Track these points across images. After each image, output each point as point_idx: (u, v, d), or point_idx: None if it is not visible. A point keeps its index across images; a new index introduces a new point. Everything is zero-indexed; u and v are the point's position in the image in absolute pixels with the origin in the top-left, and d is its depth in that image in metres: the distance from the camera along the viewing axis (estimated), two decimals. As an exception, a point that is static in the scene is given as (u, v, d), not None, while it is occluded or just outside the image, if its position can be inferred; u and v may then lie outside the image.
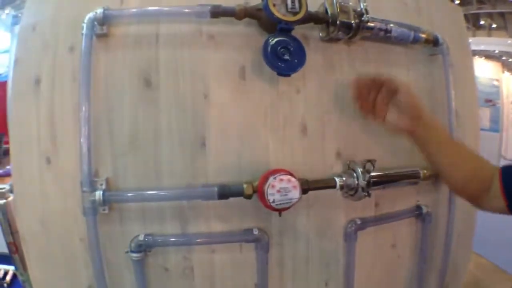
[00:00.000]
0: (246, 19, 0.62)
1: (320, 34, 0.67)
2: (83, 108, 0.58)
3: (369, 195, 0.62)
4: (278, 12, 0.60)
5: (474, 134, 0.86)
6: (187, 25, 0.62)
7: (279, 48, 0.60)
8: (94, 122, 0.59)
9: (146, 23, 0.62)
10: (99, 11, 0.60)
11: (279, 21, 0.59)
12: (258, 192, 0.58)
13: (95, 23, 0.60)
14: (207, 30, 0.63)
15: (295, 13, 0.61)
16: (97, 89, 0.60)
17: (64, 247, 0.62)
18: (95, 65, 0.60)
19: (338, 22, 0.63)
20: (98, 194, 0.56)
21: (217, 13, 0.61)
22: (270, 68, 0.60)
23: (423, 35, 0.75)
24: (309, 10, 0.61)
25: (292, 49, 0.61)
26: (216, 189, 0.58)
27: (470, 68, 0.92)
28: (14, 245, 0.80)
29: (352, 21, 0.64)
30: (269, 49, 0.60)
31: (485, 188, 0.55)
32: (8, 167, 1.19)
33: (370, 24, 0.68)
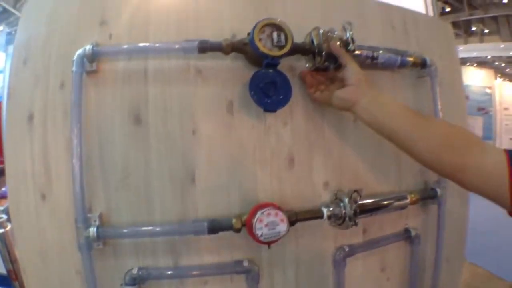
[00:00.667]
0: (233, 53, 0.63)
1: (307, 65, 0.67)
2: (75, 146, 0.60)
3: (356, 224, 0.64)
4: (264, 47, 0.60)
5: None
6: (175, 61, 0.63)
7: (265, 84, 0.61)
8: (86, 158, 0.61)
9: (134, 59, 0.63)
10: (88, 47, 0.61)
11: (265, 56, 0.60)
12: (247, 226, 0.59)
13: (85, 59, 0.61)
14: (194, 64, 0.64)
15: (281, 47, 0.61)
16: (88, 127, 0.61)
17: (61, 278, 0.64)
18: (85, 102, 0.61)
19: (324, 53, 0.64)
20: (92, 230, 0.58)
21: (205, 48, 0.61)
22: (256, 104, 0.61)
23: (410, 59, 0.76)
24: (295, 41, 0.62)
25: (278, 84, 0.62)
26: (206, 224, 0.59)
27: (459, 84, 0.92)
28: (14, 273, 0.82)
29: (338, 51, 0.64)
30: (254, 85, 0.61)
31: (464, 161, 0.49)
32: (3, 188, 1.21)
33: (357, 52, 0.68)
